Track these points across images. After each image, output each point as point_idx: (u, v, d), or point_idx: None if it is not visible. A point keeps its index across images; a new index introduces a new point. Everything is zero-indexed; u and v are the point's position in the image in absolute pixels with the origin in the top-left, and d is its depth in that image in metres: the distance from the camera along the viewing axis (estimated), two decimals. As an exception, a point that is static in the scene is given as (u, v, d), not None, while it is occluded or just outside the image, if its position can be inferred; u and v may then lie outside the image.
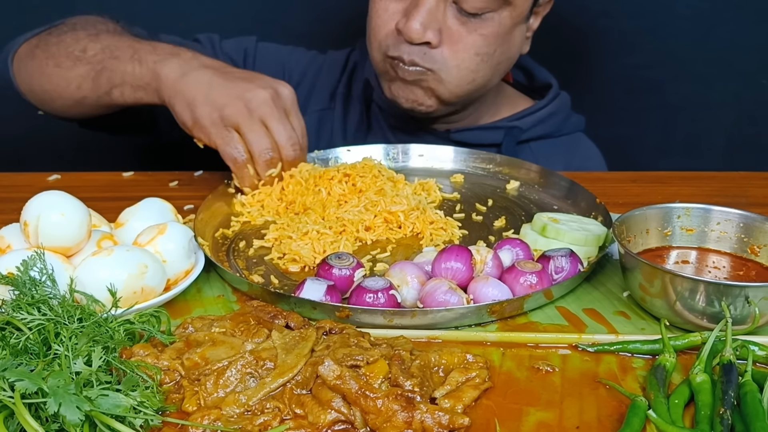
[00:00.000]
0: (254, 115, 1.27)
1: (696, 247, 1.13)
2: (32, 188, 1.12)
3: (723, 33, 2.02)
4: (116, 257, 0.98)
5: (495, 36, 1.47)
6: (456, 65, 1.47)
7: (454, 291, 1.01)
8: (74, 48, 1.46)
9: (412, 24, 1.41)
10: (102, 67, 1.42)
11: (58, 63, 1.47)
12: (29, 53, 1.54)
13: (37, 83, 1.52)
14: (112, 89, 1.41)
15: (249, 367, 0.86)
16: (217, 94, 1.28)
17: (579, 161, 1.71)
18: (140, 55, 1.38)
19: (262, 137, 1.28)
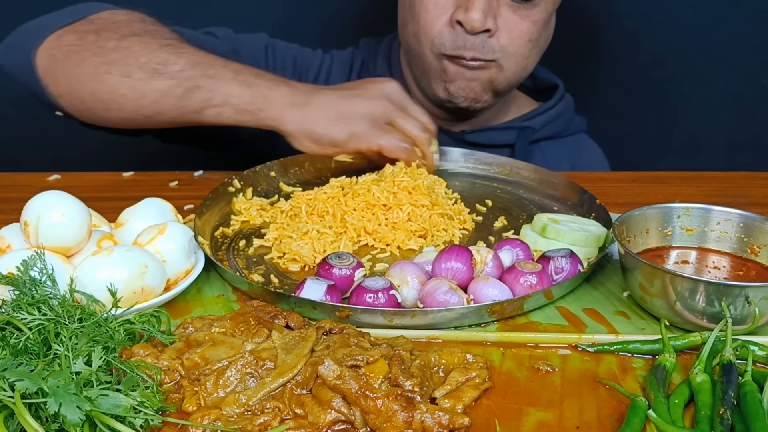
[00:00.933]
0: (397, 107, 1.36)
1: (696, 247, 1.13)
2: (32, 188, 1.12)
3: (723, 33, 2.02)
4: (116, 257, 0.98)
5: (543, 22, 1.53)
6: (513, 53, 1.51)
7: (455, 291, 1.01)
8: (149, 59, 1.36)
9: (473, 14, 1.44)
10: (194, 85, 1.34)
11: (127, 73, 1.36)
12: (69, 53, 1.40)
13: (89, 89, 1.39)
14: (206, 109, 1.35)
15: (249, 367, 0.86)
16: (352, 105, 1.34)
17: (585, 161, 1.73)
18: (246, 79, 1.35)
19: (414, 122, 1.36)
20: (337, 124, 1.32)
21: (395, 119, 1.36)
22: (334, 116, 1.33)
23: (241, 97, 1.34)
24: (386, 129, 1.34)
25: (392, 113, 1.36)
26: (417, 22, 1.53)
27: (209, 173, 1.55)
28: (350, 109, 1.34)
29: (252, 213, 1.29)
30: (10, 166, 1.74)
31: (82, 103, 1.41)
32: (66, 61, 1.40)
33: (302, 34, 1.96)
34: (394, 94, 1.39)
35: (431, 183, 1.34)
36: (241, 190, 1.36)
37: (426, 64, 1.55)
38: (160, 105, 1.36)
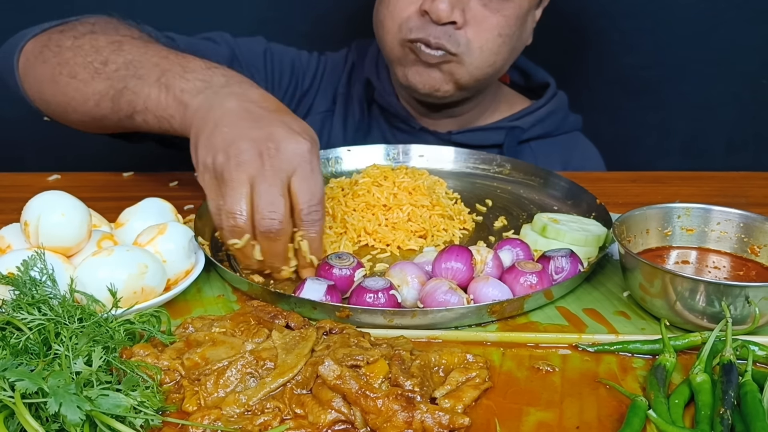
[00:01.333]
0: (241, 171, 1.04)
1: (696, 247, 1.13)
2: (32, 188, 1.12)
3: (723, 33, 2.02)
4: (116, 257, 0.98)
5: (515, 18, 1.50)
6: (479, 46, 1.48)
7: (455, 291, 1.01)
8: (93, 58, 1.28)
9: (440, 3, 1.42)
10: (123, 86, 1.23)
11: (73, 73, 1.29)
12: (38, 54, 1.36)
13: (50, 92, 1.34)
14: (134, 114, 1.22)
15: (249, 367, 0.86)
16: (217, 137, 1.07)
17: (578, 160, 1.72)
18: (167, 79, 1.18)
19: (239, 201, 1.04)
20: (201, 150, 1.08)
21: (258, 182, 1.03)
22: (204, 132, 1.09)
23: (158, 102, 1.18)
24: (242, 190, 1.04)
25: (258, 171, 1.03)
26: (386, 7, 1.51)
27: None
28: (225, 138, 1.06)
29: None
30: (11, 166, 1.73)
31: (48, 107, 1.38)
32: (35, 64, 1.37)
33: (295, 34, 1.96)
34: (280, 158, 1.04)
35: (432, 183, 1.35)
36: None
37: (390, 50, 1.53)
38: (101, 108, 1.28)
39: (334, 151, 1.48)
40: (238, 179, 1.04)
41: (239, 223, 1.04)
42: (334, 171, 1.45)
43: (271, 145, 1.04)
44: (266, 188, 1.03)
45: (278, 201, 1.04)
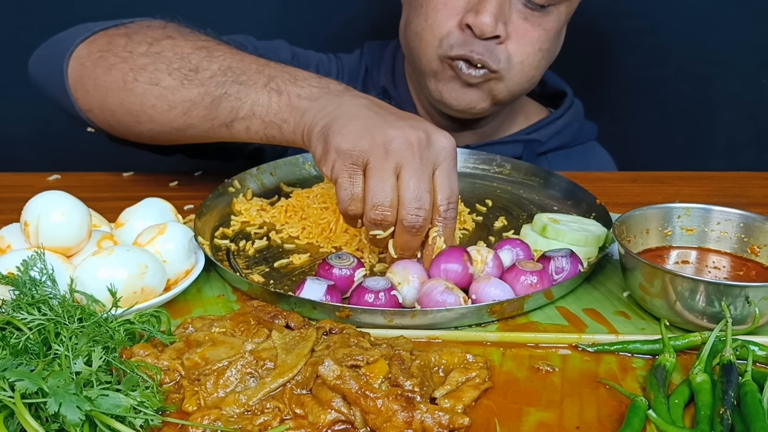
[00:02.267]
0: (389, 158, 1.01)
1: (696, 247, 1.13)
2: (32, 188, 1.12)
3: (723, 33, 2.02)
4: (116, 257, 0.98)
5: (554, 31, 1.48)
6: (520, 61, 1.46)
7: (451, 291, 1.01)
8: (180, 65, 1.21)
9: (484, 18, 1.38)
10: (222, 92, 1.17)
11: (156, 80, 1.22)
12: (99, 59, 1.27)
13: (119, 100, 1.25)
14: (234, 121, 1.18)
15: (249, 367, 0.86)
16: (358, 125, 1.04)
17: (594, 171, 1.70)
18: (278, 84, 1.15)
19: (384, 190, 1.01)
20: (320, 138, 1.07)
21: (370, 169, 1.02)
22: (323, 127, 1.07)
23: (269, 107, 1.14)
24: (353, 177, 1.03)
25: (375, 155, 1.01)
26: (424, 20, 1.46)
27: (209, 173, 1.54)
28: (343, 132, 1.04)
29: (252, 213, 1.29)
30: (10, 166, 1.74)
31: (113, 116, 1.29)
32: (95, 70, 1.28)
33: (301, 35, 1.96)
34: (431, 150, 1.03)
35: None
36: (241, 191, 1.36)
37: (427, 64, 1.49)
38: (190, 117, 1.22)
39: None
40: (386, 168, 1.01)
41: (387, 216, 1.03)
42: None
43: (423, 136, 1.03)
44: (416, 182, 1.02)
45: (425, 197, 1.03)
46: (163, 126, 1.25)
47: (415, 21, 1.49)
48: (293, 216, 1.27)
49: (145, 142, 1.36)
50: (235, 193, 1.35)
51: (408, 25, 1.53)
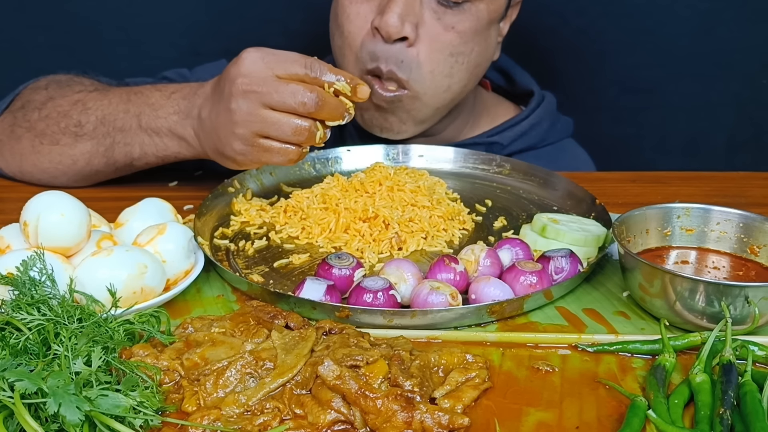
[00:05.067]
0: (255, 113, 1.15)
1: (696, 247, 1.13)
2: (32, 188, 1.12)
3: (723, 33, 2.02)
4: (116, 257, 0.98)
5: (472, 32, 1.38)
6: (430, 70, 1.38)
7: (437, 291, 1.01)
8: (66, 123, 1.36)
9: (389, 17, 1.31)
10: (111, 141, 1.33)
11: (54, 140, 1.37)
12: (10, 134, 1.42)
13: (32, 163, 1.40)
14: (134, 161, 1.34)
15: (249, 367, 0.86)
16: (223, 130, 1.19)
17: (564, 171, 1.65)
18: (148, 123, 1.29)
19: (281, 121, 1.15)
20: (222, 158, 1.24)
21: (264, 131, 1.16)
22: (214, 150, 1.24)
23: (155, 146, 1.30)
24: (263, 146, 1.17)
25: (254, 126, 1.16)
26: (340, 34, 1.41)
27: (209, 173, 1.54)
28: (221, 140, 1.20)
29: (252, 213, 1.29)
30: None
31: (32, 177, 1.42)
32: (9, 142, 1.43)
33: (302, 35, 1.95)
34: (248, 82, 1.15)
35: (432, 184, 1.35)
36: (241, 191, 1.36)
37: None
38: (92, 165, 1.36)
39: (333, 151, 1.48)
40: (264, 116, 1.14)
41: (305, 125, 1.15)
42: (333, 171, 1.45)
43: (244, 79, 1.14)
44: (278, 95, 1.14)
45: (290, 87, 1.14)
46: (76, 176, 1.39)
47: (336, 36, 1.44)
48: (293, 216, 1.27)
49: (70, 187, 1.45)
50: (234, 193, 1.35)
51: (332, 42, 1.48)
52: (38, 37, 2.00)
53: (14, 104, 1.47)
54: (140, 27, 2.02)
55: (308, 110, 1.14)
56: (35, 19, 1.99)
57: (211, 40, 2.03)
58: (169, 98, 1.30)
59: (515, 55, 1.72)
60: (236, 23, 2.03)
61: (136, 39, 2.03)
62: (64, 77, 1.47)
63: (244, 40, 1.89)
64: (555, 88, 1.76)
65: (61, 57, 1.99)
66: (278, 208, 1.29)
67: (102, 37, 2.01)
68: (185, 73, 1.65)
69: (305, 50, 1.20)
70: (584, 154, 1.73)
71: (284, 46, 1.20)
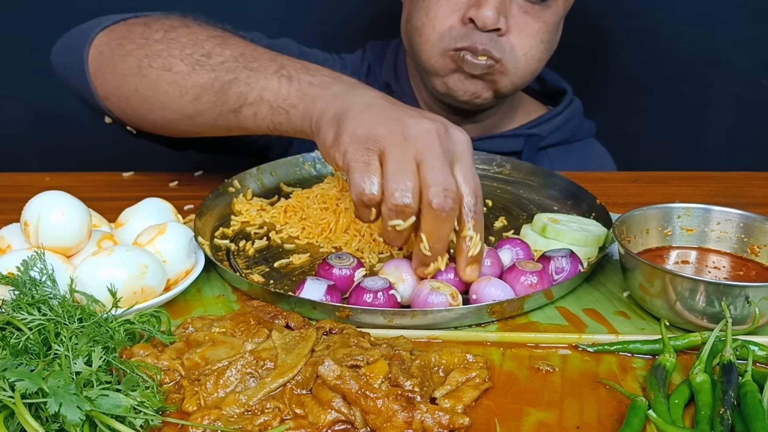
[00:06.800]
0: (409, 145, 0.98)
1: (696, 247, 1.13)
2: (32, 188, 1.12)
3: (723, 33, 2.02)
4: (116, 257, 0.98)
5: (554, 24, 1.51)
6: (524, 53, 1.48)
7: (437, 291, 1.01)
8: (193, 50, 1.22)
9: (486, 10, 1.41)
10: (233, 77, 1.17)
11: (168, 65, 1.22)
12: (117, 47, 1.27)
13: (134, 87, 1.25)
14: (243, 107, 1.17)
15: (249, 367, 0.86)
16: (373, 113, 1.02)
17: (593, 167, 1.72)
18: (289, 71, 1.14)
19: (405, 175, 0.97)
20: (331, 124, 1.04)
21: (387, 158, 0.97)
22: (336, 114, 1.04)
23: (278, 92, 1.13)
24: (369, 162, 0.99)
25: (392, 146, 0.98)
26: (425, 14, 1.48)
27: (209, 173, 1.55)
28: (358, 117, 1.02)
29: (252, 213, 1.29)
30: (10, 166, 1.74)
31: (128, 103, 1.29)
32: (113, 57, 1.28)
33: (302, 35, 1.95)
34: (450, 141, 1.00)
35: None
36: (241, 191, 1.36)
37: (427, 60, 1.51)
38: (200, 102, 1.21)
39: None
40: (405, 154, 0.97)
41: (408, 203, 0.96)
42: (333, 171, 1.45)
43: (441, 127, 1.00)
44: (439, 165, 0.97)
45: (450, 179, 0.97)
46: (174, 113, 1.25)
47: (416, 16, 1.51)
48: (293, 216, 1.27)
49: (158, 132, 1.35)
50: (235, 193, 1.35)
51: (409, 20, 1.54)
52: (39, 37, 2.00)
53: (134, 19, 1.33)
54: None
55: (431, 203, 0.97)
56: (35, 19, 2.00)
57: (211, 40, 2.03)
58: (334, 72, 1.16)
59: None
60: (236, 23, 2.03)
61: (137, 39, 2.03)
62: (204, 21, 1.34)
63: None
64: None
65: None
66: (278, 208, 1.29)
67: (102, 37, 2.01)
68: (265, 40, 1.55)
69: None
70: (607, 154, 1.81)
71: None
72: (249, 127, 1.19)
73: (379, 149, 0.98)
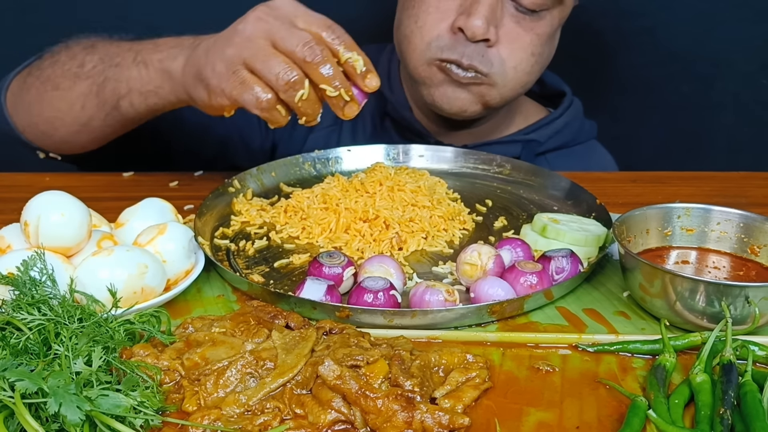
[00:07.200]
0: (254, 39, 1.08)
1: (696, 247, 1.13)
2: (32, 188, 1.12)
3: (723, 33, 2.02)
4: (116, 257, 0.98)
5: (547, 36, 1.47)
6: (513, 66, 1.45)
7: (433, 288, 1.01)
8: (71, 65, 1.34)
9: (474, 20, 1.38)
10: (104, 78, 1.29)
11: (56, 85, 1.34)
12: (22, 85, 1.42)
13: (37, 112, 1.38)
14: (119, 101, 1.27)
15: (249, 367, 0.86)
16: (214, 48, 1.12)
17: (594, 170, 1.69)
18: (143, 57, 1.24)
19: (273, 60, 1.07)
20: (197, 83, 1.15)
21: (251, 61, 1.08)
22: (194, 73, 1.15)
23: (140, 79, 1.24)
24: (242, 77, 1.08)
25: (246, 52, 1.08)
26: (414, 22, 1.46)
27: (209, 173, 1.54)
28: (207, 59, 1.12)
29: (252, 213, 1.29)
30: (10, 166, 1.73)
31: (37, 129, 1.41)
32: (21, 93, 1.42)
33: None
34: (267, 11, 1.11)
35: (432, 184, 1.35)
36: (241, 191, 1.36)
37: (415, 69, 1.48)
38: (87, 109, 1.33)
39: (334, 151, 1.48)
40: (259, 48, 1.07)
41: (292, 76, 1.06)
42: (334, 171, 1.45)
43: (264, 8, 1.11)
44: (285, 33, 1.07)
45: (301, 34, 1.08)
46: (72, 125, 1.36)
47: (405, 23, 1.48)
48: (293, 216, 1.27)
49: (74, 151, 1.46)
50: (235, 193, 1.35)
51: (398, 27, 1.52)
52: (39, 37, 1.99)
53: (36, 60, 1.45)
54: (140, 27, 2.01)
55: (304, 58, 1.07)
56: (35, 19, 2.00)
57: (211, 40, 2.03)
58: (177, 39, 1.26)
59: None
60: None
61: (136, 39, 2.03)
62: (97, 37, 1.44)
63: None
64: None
65: (61, 57, 1.99)
66: (279, 208, 1.29)
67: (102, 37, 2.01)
68: None
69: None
70: (609, 156, 1.78)
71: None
72: (134, 116, 1.31)
73: (241, 63, 1.09)
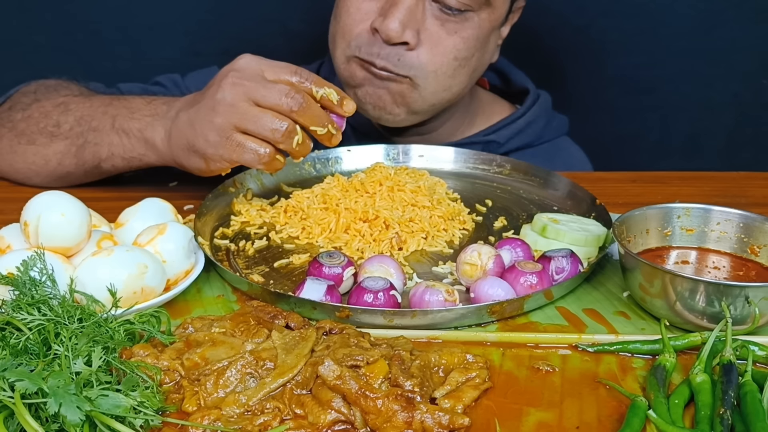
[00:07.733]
0: (236, 104, 1.15)
1: (696, 247, 1.13)
2: (33, 188, 1.12)
3: (723, 33, 2.02)
4: (116, 257, 0.98)
5: (474, 39, 1.42)
6: (434, 70, 1.41)
7: (433, 288, 1.01)
8: (45, 123, 1.39)
9: (390, 23, 1.34)
10: (83, 141, 1.34)
11: (31, 140, 1.40)
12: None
13: (8, 163, 1.43)
14: (101, 163, 1.34)
15: (249, 367, 0.86)
16: (198, 119, 1.18)
17: (560, 169, 1.64)
18: (121, 124, 1.31)
19: (261, 118, 1.15)
20: (190, 154, 1.21)
21: (243, 124, 1.15)
22: (185, 145, 1.21)
23: (122, 146, 1.31)
24: (237, 140, 1.16)
25: (234, 117, 1.15)
26: (337, 23, 1.45)
27: (209, 173, 1.54)
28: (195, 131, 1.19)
29: (252, 213, 1.29)
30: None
31: (8, 176, 1.45)
32: None
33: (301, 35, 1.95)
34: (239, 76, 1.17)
35: (432, 184, 1.35)
36: (241, 191, 1.36)
37: (337, 68, 1.47)
38: (64, 166, 1.38)
39: (334, 151, 1.48)
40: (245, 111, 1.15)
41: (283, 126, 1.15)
42: (334, 171, 1.45)
43: (234, 73, 1.17)
44: (263, 90, 1.15)
45: (277, 87, 1.16)
46: (47, 177, 1.41)
47: (332, 23, 1.48)
48: (293, 216, 1.27)
49: None
50: (235, 193, 1.35)
51: (330, 25, 1.51)
52: (39, 37, 2.00)
53: (3, 106, 1.50)
54: (140, 27, 2.02)
55: (291, 108, 1.15)
56: (36, 19, 2.00)
57: (211, 40, 2.03)
58: (150, 103, 1.32)
59: (515, 55, 1.72)
60: (236, 23, 2.03)
61: (136, 39, 2.03)
62: (54, 82, 1.50)
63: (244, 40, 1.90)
64: (555, 88, 1.76)
65: (61, 57, 1.99)
66: (278, 208, 1.29)
67: (102, 37, 2.01)
68: (177, 79, 1.68)
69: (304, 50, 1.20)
70: (580, 152, 1.74)
71: (284, 47, 1.21)
72: (116, 173, 1.38)
73: (233, 128, 1.16)
